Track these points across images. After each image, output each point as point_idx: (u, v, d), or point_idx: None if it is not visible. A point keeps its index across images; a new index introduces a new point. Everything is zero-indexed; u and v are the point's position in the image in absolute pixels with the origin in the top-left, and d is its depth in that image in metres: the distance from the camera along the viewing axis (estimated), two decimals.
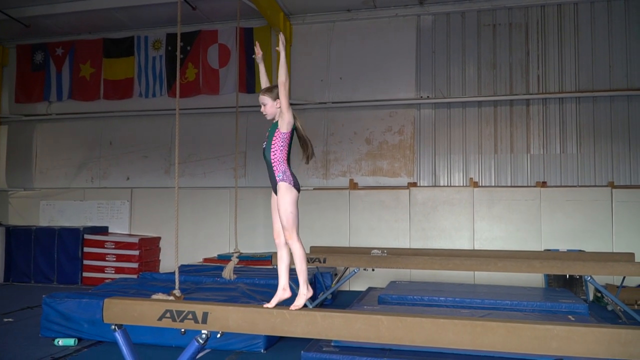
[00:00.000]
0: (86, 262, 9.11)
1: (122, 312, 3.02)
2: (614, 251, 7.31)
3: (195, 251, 8.98)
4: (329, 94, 9.02)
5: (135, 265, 8.88)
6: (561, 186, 8.05)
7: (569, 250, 7.27)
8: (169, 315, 2.93)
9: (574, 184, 8.07)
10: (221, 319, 2.87)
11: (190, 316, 2.89)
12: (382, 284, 7.49)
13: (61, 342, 4.98)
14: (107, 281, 7.40)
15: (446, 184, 8.55)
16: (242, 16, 8.52)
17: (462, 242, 8.08)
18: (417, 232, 8.28)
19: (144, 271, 8.23)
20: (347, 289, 8.21)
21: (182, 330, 2.97)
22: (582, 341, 2.34)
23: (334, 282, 6.98)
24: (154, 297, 4.43)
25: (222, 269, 6.12)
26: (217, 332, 2.91)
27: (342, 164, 8.95)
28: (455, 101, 8.54)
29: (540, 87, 8.32)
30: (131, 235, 9.52)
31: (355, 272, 5.96)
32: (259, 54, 3.14)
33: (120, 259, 8.99)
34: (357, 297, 6.37)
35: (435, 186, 8.52)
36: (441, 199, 8.25)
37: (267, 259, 8.10)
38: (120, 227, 9.71)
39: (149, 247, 9.26)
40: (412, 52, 8.75)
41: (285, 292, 2.97)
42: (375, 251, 6.57)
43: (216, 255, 8.68)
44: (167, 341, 4.79)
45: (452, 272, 7.13)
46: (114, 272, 8.93)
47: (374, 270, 6.47)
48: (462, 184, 8.47)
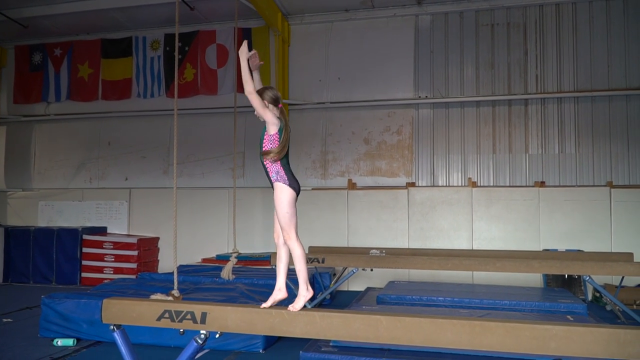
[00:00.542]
0: (85, 263, 9.11)
1: (120, 312, 3.02)
2: (613, 251, 7.32)
3: (193, 251, 8.98)
4: (327, 94, 9.02)
5: (133, 265, 8.87)
6: (560, 186, 8.06)
7: (567, 250, 7.28)
8: (167, 315, 2.93)
9: (573, 183, 8.08)
10: (220, 319, 2.87)
11: (188, 316, 2.89)
12: (380, 284, 7.49)
13: (60, 342, 4.98)
14: (106, 281, 7.39)
15: (444, 184, 8.56)
16: (240, 16, 8.52)
17: (460, 242, 8.08)
18: (415, 232, 8.28)
19: (143, 271, 8.23)
20: (345, 289, 8.21)
21: (181, 330, 2.96)
22: (581, 341, 2.34)
23: (333, 282, 6.98)
24: (153, 297, 4.43)
25: (220, 269, 6.12)
26: (216, 333, 2.91)
27: (341, 164, 8.95)
28: (453, 101, 8.54)
29: (538, 86, 8.33)
30: (130, 235, 9.51)
31: (353, 272, 5.96)
32: (255, 63, 3.09)
33: (118, 259, 8.99)
34: (355, 297, 6.38)
35: (433, 186, 8.53)
36: (439, 199, 8.26)
37: (266, 259, 8.10)
38: (118, 228, 9.70)
39: (148, 248, 9.25)
40: (410, 52, 8.76)
41: (280, 293, 2.96)
42: (373, 251, 6.57)
43: (215, 255, 8.68)
44: (166, 341, 4.79)
45: (450, 272, 7.14)
46: (112, 272, 8.92)
47: (372, 270, 6.47)
48: (460, 184, 8.47)
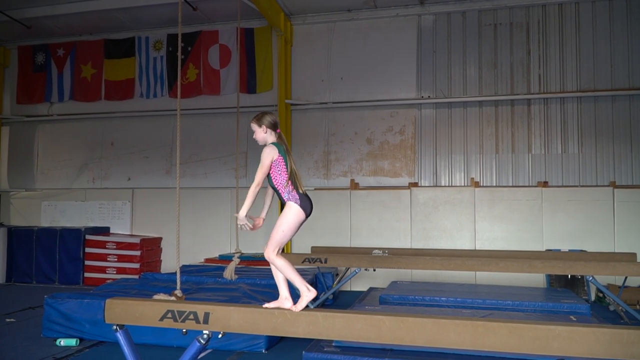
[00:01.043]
0: (87, 263, 9.13)
1: (123, 312, 3.02)
2: (616, 251, 7.30)
3: (196, 251, 8.98)
4: (330, 94, 9.02)
5: (136, 265, 8.89)
6: (563, 186, 8.04)
7: (570, 250, 7.26)
8: (170, 315, 2.93)
9: (576, 183, 8.05)
10: (222, 319, 2.87)
11: (191, 316, 2.90)
12: (383, 284, 7.49)
13: (63, 342, 4.99)
14: (109, 281, 7.41)
15: (447, 184, 8.55)
16: (242, 17, 8.53)
17: (463, 242, 8.07)
18: (418, 232, 8.27)
19: (146, 271, 8.23)
20: (348, 289, 8.21)
21: (184, 330, 2.97)
22: (584, 341, 2.34)
23: (335, 283, 6.98)
24: (156, 297, 4.44)
25: (223, 269, 6.12)
26: (219, 333, 2.92)
27: (343, 164, 8.95)
28: (456, 101, 8.53)
29: (541, 86, 8.31)
30: (132, 235, 9.53)
31: (356, 273, 5.96)
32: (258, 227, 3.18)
33: (121, 259, 9.00)
34: (358, 298, 6.38)
35: (436, 186, 8.52)
36: (442, 199, 8.24)
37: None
38: (121, 228, 9.72)
39: (150, 248, 9.27)
40: (413, 52, 8.75)
41: (288, 301, 2.93)
42: (376, 251, 6.57)
43: (217, 255, 8.69)
44: (169, 341, 4.80)
45: (453, 272, 7.13)
46: (115, 272, 8.93)
47: (375, 270, 6.47)
48: (463, 184, 8.46)
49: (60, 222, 9.99)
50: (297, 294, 2.97)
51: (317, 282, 7.07)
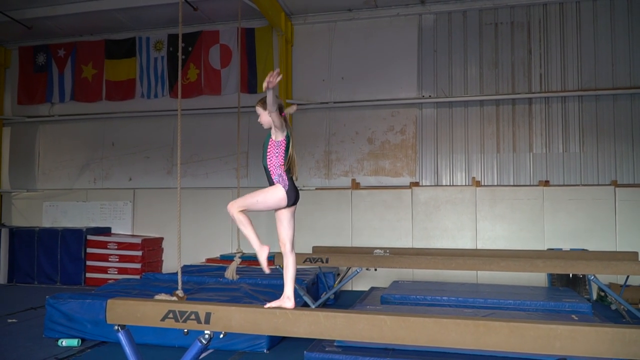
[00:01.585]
0: (89, 263, 9.14)
1: (125, 312, 3.02)
2: (618, 250, 7.29)
3: (197, 251, 8.99)
4: (330, 94, 9.02)
5: (138, 265, 8.90)
6: (564, 185, 8.03)
7: (572, 249, 7.25)
8: (171, 315, 2.93)
9: (577, 182, 8.04)
10: (224, 320, 2.87)
11: (193, 316, 2.89)
12: (384, 284, 7.49)
13: (65, 342, 4.99)
14: (110, 282, 7.42)
15: (448, 184, 8.54)
16: (243, 16, 8.52)
17: (464, 242, 8.06)
18: (419, 231, 8.27)
19: (147, 272, 8.24)
20: (349, 289, 8.21)
21: (185, 330, 2.97)
22: (586, 341, 2.33)
23: (337, 282, 6.98)
24: (157, 297, 4.44)
25: (224, 269, 6.12)
26: (220, 333, 2.91)
27: (344, 164, 8.94)
28: (457, 100, 8.52)
29: (542, 85, 8.30)
30: (134, 236, 9.53)
31: (357, 272, 5.95)
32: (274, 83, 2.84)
33: (123, 259, 9.01)
34: (359, 297, 6.38)
35: (437, 185, 8.51)
36: (443, 198, 8.24)
37: (270, 259, 8.07)
38: (122, 228, 9.72)
39: (152, 248, 9.27)
40: (414, 51, 8.74)
41: (289, 301, 2.95)
42: (377, 251, 6.57)
43: (219, 255, 8.69)
44: (170, 341, 4.80)
45: (454, 271, 7.13)
46: (116, 272, 8.94)
47: (376, 270, 6.46)
48: (464, 184, 8.45)
49: (61, 222, 10.00)
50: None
51: (318, 281, 7.07)
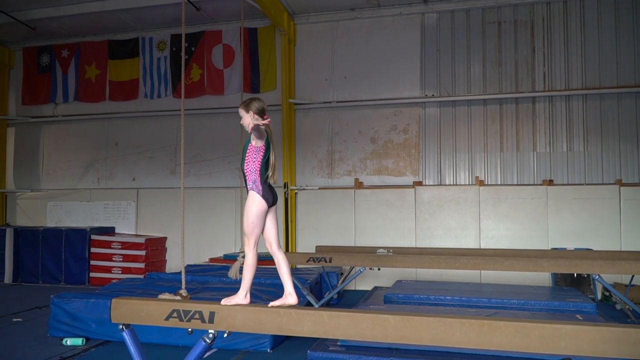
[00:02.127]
0: (93, 263, 9.17)
1: (129, 312, 3.03)
2: (622, 249, 7.26)
3: (201, 251, 9.01)
4: (333, 94, 9.01)
5: (141, 265, 8.92)
6: (568, 184, 8.00)
7: (576, 248, 7.23)
8: (176, 315, 2.94)
9: (581, 182, 8.01)
10: (228, 319, 2.88)
11: (197, 316, 2.90)
12: (388, 283, 7.48)
13: (69, 341, 5.01)
14: (114, 281, 7.43)
15: (452, 183, 8.52)
16: (246, 16, 8.53)
17: (468, 241, 8.05)
18: (422, 231, 8.26)
19: (151, 271, 8.27)
20: (352, 288, 8.21)
21: (189, 330, 2.97)
22: (591, 340, 2.32)
23: (340, 282, 6.98)
24: (161, 297, 4.44)
25: (228, 268, 6.13)
26: (224, 332, 2.92)
27: (347, 163, 8.94)
28: (460, 99, 8.50)
29: (546, 84, 8.27)
30: (137, 235, 9.56)
31: (361, 272, 5.95)
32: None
33: (126, 259, 9.04)
34: (363, 297, 6.38)
35: (440, 185, 8.50)
36: (447, 197, 8.22)
37: (272, 258, 8.10)
38: (126, 228, 9.75)
39: (155, 247, 9.29)
40: (417, 50, 8.72)
41: (292, 297, 3.01)
42: (381, 250, 6.56)
43: (222, 255, 8.69)
44: (174, 341, 4.81)
45: (458, 271, 7.12)
46: (120, 272, 8.97)
47: (379, 269, 6.45)
48: (467, 183, 8.43)
49: (65, 222, 10.04)
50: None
51: (321, 281, 7.07)
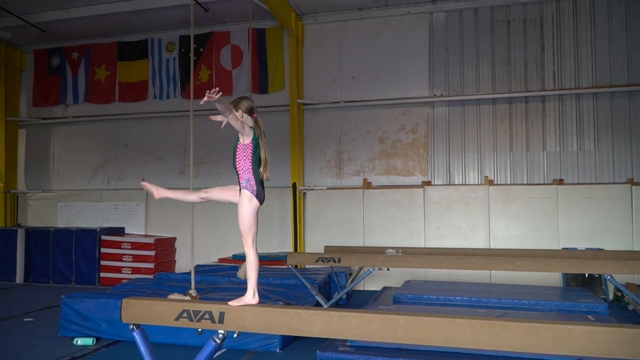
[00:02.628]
0: (103, 263, 9.24)
1: (140, 312, 3.05)
2: (634, 249, 7.18)
3: (210, 251, 9.04)
4: (341, 94, 9.00)
5: (151, 265, 8.97)
6: (579, 184, 7.92)
7: (587, 248, 7.16)
8: (186, 315, 2.95)
9: (592, 181, 7.93)
10: (238, 319, 2.89)
11: (207, 316, 2.91)
12: (397, 284, 7.46)
13: (80, 341, 5.05)
14: (124, 281, 7.48)
15: (461, 183, 8.48)
16: (254, 17, 8.55)
17: (477, 241, 8.00)
18: (431, 231, 8.22)
19: (160, 271, 8.31)
20: (361, 288, 8.19)
21: (199, 330, 2.98)
22: (604, 341, 2.30)
23: (349, 282, 6.97)
24: (171, 297, 4.46)
25: (237, 268, 6.11)
26: (234, 332, 2.93)
27: (356, 164, 8.92)
28: (469, 99, 8.46)
29: (556, 83, 8.20)
30: (147, 236, 9.62)
31: (370, 272, 5.93)
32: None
33: (136, 259, 9.09)
34: (372, 297, 6.36)
35: (449, 185, 8.46)
36: (456, 197, 8.18)
37: (282, 258, 8.12)
38: (136, 228, 9.82)
39: (165, 248, 9.35)
40: (425, 50, 8.69)
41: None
42: (389, 250, 6.54)
43: (231, 255, 8.73)
44: (184, 341, 4.83)
45: (467, 271, 7.07)
46: (130, 272, 9.03)
47: (388, 269, 6.43)
48: (477, 182, 8.38)
49: (76, 222, 10.13)
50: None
51: (330, 281, 7.07)
